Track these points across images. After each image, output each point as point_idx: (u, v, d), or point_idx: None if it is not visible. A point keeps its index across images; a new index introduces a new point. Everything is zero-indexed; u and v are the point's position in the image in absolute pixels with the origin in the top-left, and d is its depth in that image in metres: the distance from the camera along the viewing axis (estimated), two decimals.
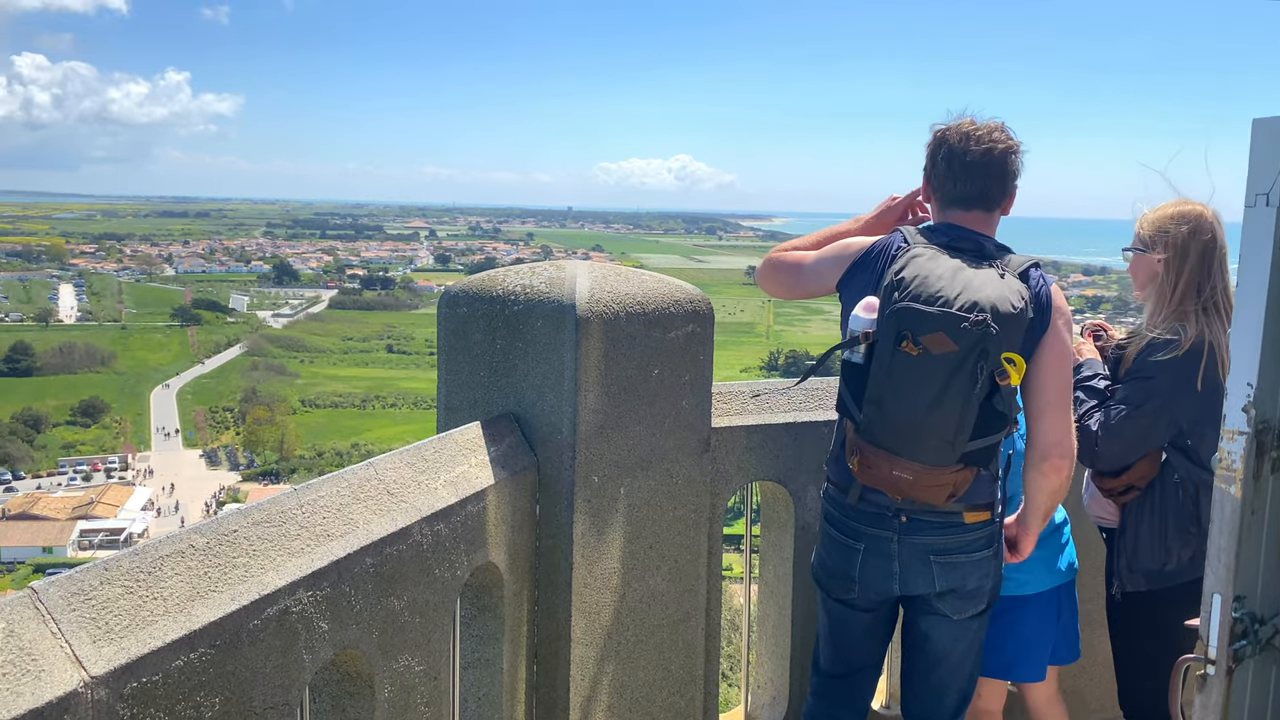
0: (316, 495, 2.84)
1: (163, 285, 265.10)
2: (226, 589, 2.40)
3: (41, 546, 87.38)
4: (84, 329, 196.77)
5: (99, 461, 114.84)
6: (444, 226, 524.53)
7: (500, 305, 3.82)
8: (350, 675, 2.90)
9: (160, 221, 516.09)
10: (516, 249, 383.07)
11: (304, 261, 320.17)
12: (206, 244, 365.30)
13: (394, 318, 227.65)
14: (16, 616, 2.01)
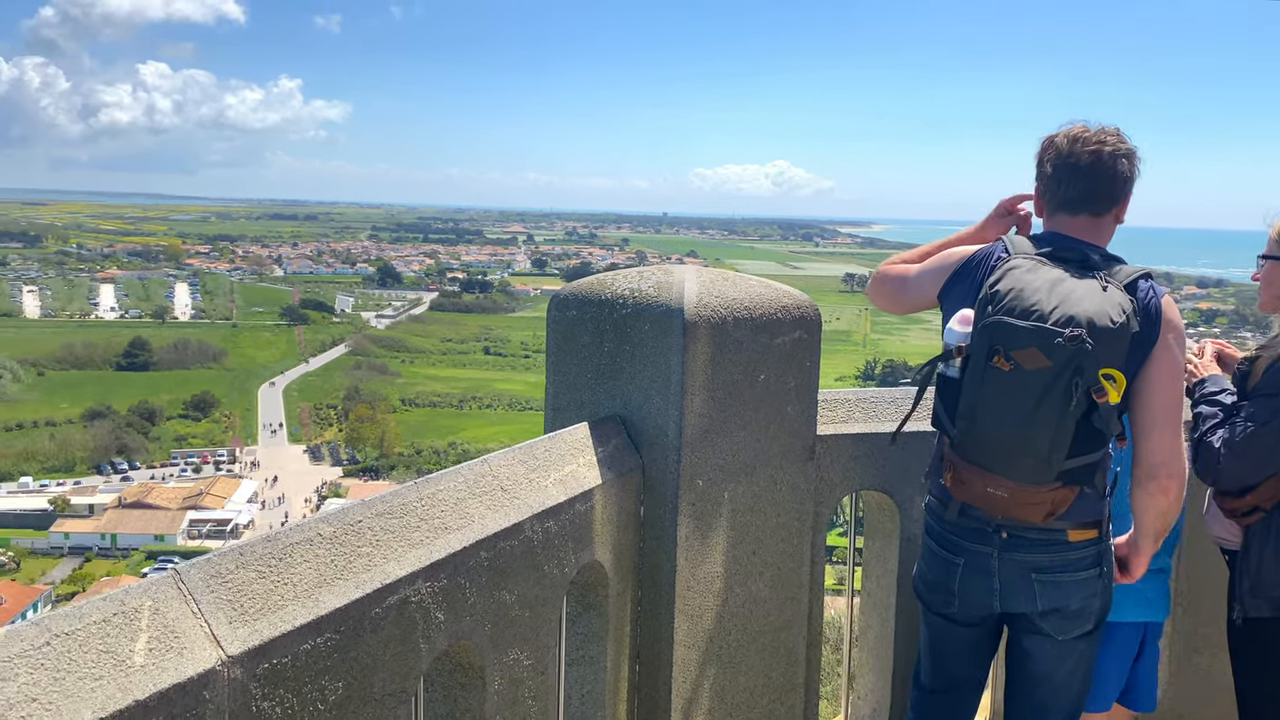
0: (435, 489, 2.92)
1: (272, 285, 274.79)
2: (351, 577, 2.49)
3: (154, 534, 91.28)
4: (197, 326, 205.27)
5: (209, 454, 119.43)
6: (541, 231, 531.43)
7: (608, 309, 3.86)
8: (462, 666, 2.97)
9: (271, 224, 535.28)
10: (611, 254, 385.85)
11: (407, 264, 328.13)
12: (314, 246, 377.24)
13: (491, 320, 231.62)
14: (162, 596, 2.13)
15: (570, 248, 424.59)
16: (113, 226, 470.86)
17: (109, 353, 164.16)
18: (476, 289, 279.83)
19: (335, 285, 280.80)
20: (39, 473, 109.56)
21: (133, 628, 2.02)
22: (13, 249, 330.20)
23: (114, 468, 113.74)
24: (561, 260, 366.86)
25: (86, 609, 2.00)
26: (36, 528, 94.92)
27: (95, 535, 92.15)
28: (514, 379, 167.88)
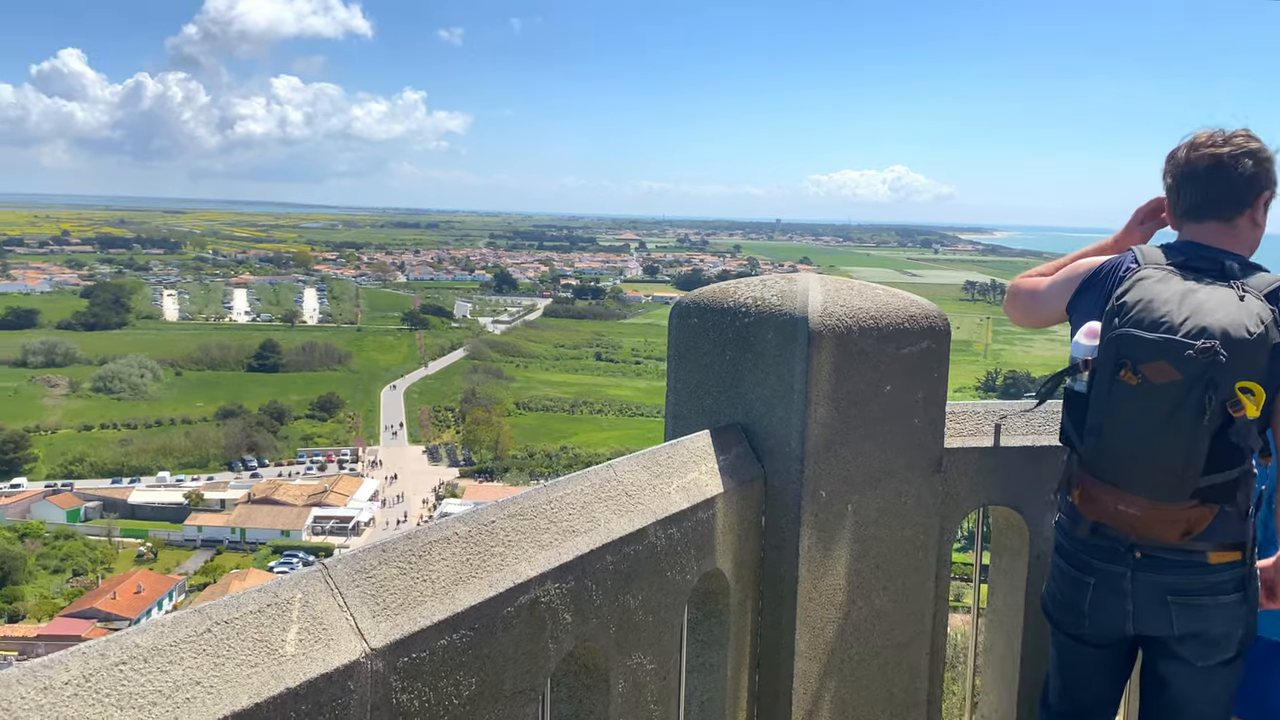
0: (563, 492, 2.98)
1: (395, 291, 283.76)
2: (485, 576, 2.56)
3: (280, 530, 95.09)
4: (324, 330, 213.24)
5: (333, 453, 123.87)
6: (654, 238, 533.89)
7: (730, 317, 3.87)
8: (588, 668, 3.02)
9: (394, 232, 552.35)
10: (723, 261, 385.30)
11: (522, 271, 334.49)
12: (435, 253, 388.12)
13: (603, 327, 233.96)
14: (311, 589, 2.23)
15: (682, 255, 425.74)
16: (246, 234, 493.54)
17: (241, 354, 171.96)
18: (589, 295, 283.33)
19: (454, 291, 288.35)
20: (175, 468, 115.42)
21: (285, 618, 2.13)
22: (155, 255, 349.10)
23: (244, 464, 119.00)
24: (673, 267, 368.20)
25: (243, 599, 2.12)
26: (173, 520, 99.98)
27: (226, 529, 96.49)
28: (625, 385, 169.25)
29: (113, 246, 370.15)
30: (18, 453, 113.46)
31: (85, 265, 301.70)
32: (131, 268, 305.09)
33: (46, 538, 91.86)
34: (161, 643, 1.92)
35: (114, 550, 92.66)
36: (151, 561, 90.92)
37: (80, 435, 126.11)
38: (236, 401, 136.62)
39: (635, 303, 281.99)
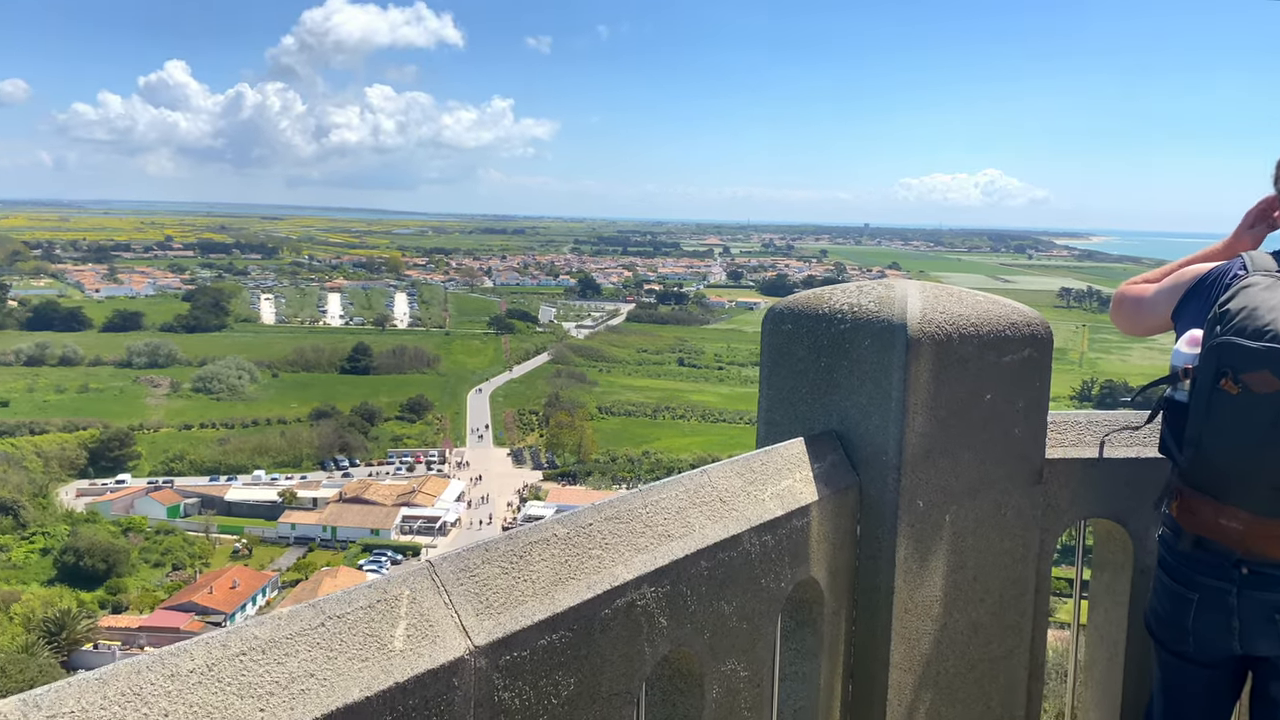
0: (658, 497, 3.00)
1: (482, 296, 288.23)
2: (583, 578, 2.59)
3: (370, 529, 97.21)
4: (414, 334, 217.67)
5: (421, 454, 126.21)
6: (738, 243, 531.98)
7: (826, 323, 3.84)
8: (682, 672, 3.03)
9: (482, 237, 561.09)
10: (809, 266, 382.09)
11: (606, 276, 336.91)
12: (521, 259, 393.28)
13: (686, 332, 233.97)
14: (418, 585, 2.29)
15: (766, 260, 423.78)
16: (340, 240, 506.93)
17: (335, 357, 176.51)
18: (672, 301, 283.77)
19: (539, 296, 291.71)
20: (270, 467, 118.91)
21: (393, 614, 2.19)
22: (253, 260, 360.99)
23: (336, 464, 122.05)
24: (757, 272, 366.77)
25: (354, 595, 2.18)
26: (267, 518, 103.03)
27: (318, 527, 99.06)
28: (707, 390, 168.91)
29: (213, 251, 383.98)
30: (122, 450, 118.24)
31: (187, 270, 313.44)
32: (231, 272, 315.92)
33: (148, 532, 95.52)
34: (278, 635, 1.99)
35: (211, 546, 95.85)
36: (246, 558, 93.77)
37: (180, 434, 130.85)
38: (329, 403, 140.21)
39: (718, 308, 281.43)
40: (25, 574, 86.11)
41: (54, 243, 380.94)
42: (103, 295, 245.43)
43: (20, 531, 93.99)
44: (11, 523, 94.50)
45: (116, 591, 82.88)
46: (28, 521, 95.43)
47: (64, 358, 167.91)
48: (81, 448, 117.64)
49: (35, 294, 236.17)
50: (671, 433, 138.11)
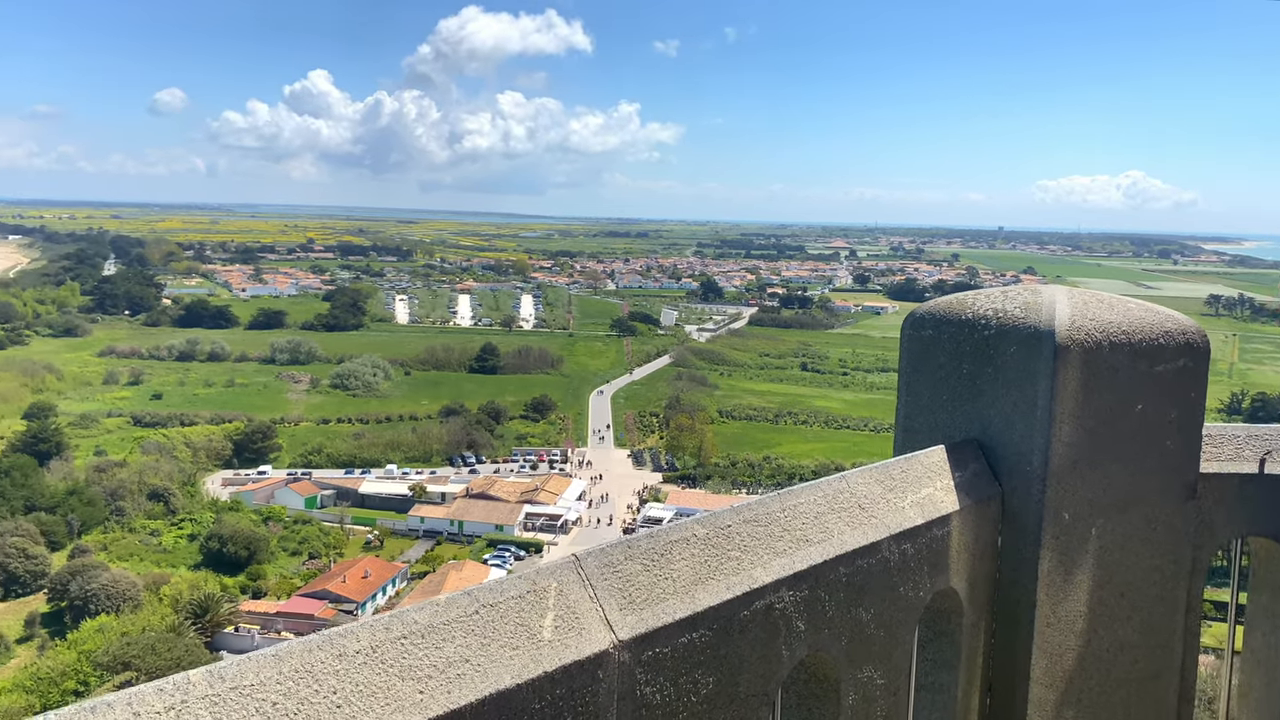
0: (796, 501, 3.00)
1: (604, 298, 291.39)
2: (723, 578, 2.62)
3: (494, 524, 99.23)
4: (539, 335, 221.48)
5: (544, 453, 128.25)
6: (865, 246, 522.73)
7: (969, 329, 3.76)
8: (818, 678, 3.02)
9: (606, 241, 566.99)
10: (939, 270, 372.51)
11: (729, 279, 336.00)
12: (644, 262, 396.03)
13: (810, 336, 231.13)
14: (565, 579, 2.35)
15: (895, 263, 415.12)
16: (470, 243, 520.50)
17: (464, 356, 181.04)
18: (796, 304, 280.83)
19: (661, 299, 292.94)
20: (402, 461, 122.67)
21: (542, 605, 2.26)
22: (388, 262, 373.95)
23: (463, 460, 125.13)
24: (885, 276, 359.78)
25: (505, 585, 2.26)
26: (398, 510, 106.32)
27: (445, 521, 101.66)
28: (831, 396, 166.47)
29: (352, 254, 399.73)
30: (265, 442, 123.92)
31: (327, 271, 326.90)
32: (368, 274, 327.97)
33: (287, 522, 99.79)
34: (437, 621, 2.09)
35: (345, 536, 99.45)
36: (378, 549, 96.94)
37: (318, 428, 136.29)
38: (458, 401, 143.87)
39: (844, 312, 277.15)
40: (174, 558, 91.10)
41: (205, 244, 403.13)
42: (249, 294, 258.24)
43: (170, 517, 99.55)
44: (162, 509, 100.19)
45: (256, 577, 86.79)
46: (177, 508, 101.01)
47: (212, 353, 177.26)
48: (227, 439, 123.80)
49: (187, 292, 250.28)
50: (793, 438, 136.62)
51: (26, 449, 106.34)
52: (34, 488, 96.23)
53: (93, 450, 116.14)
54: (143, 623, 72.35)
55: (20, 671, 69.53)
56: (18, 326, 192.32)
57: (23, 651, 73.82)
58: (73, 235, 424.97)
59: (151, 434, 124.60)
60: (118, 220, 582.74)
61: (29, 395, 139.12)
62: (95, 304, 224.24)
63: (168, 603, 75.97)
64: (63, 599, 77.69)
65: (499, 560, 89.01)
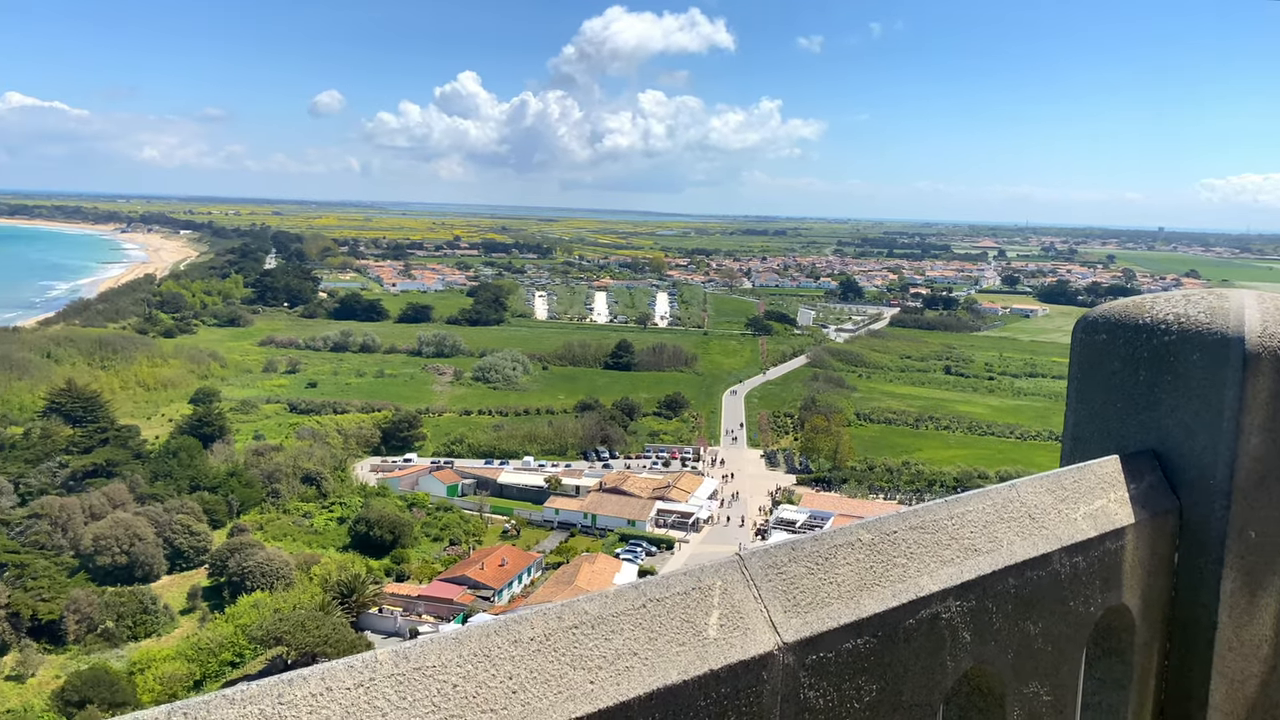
0: (964, 509, 2.91)
1: (740, 297, 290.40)
2: (888, 585, 2.57)
3: (626, 519, 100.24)
4: (673, 333, 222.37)
5: (676, 450, 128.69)
6: (1014, 247, 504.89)
7: (1146, 334, 3.58)
8: (981, 690, 2.93)
9: (743, 239, 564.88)
10: (1093, 272, 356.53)
11: (869, 279, 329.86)
12: (781, 260, 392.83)
13: (954, 339, 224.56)
14: (730, 578, 2.35)
15: (1046, 264, 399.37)
16: (608, 240, 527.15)
17: (599, 353, 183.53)
18: (940, 305, 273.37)
19: (798, 298, 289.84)
20: (539, 454, 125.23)
21: (707, 603, 2.26)
22: (529, 259, 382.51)
23: (597, 455, 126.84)
24: (1035, 277, 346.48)
25: (671, 581, 2.27)
26: (534, 501, 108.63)
27: (579, 514, 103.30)
28: (975, 401, 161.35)
29: (495, 251, 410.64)
30: (411, 431, 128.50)
31: (471, 267, 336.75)
32: (510, 270, 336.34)
33: (429, 508, 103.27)
34: (606, 612, 2.12)
35: (484, 524, 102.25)
36: (515, 538, 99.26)
37: (460, 419, 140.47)
38: (593, 396, 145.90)
39: (991, 314, 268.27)
40: (324, 539, 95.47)
41: (358, 240, 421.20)
42: (398, 289, 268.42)
43: (322, 500, 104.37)
44: (315, 492, 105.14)
45: (400, 561, 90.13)
46: (328, 492, 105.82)
47: (364, 345, 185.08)
48: (376, 427, 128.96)
49: (341, 286, 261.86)
50: (934, 443, 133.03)
51: (192, 431, 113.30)
52: (198, 468, 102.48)
53: (252, 434, 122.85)
54: (294, 600, 76.19)
55: (183, 641, 74.23)
56: (186, 316, 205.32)
57: (185, 622, 78.76)
58: (238, 230, 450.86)
59: (306, 420, 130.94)
60: (278, 217, 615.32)
61: (195, 381, 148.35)
62: (257, 296, 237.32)
63: (317, 582, 79.73)
64: (222, 574, 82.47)
65: (631, 555, 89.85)
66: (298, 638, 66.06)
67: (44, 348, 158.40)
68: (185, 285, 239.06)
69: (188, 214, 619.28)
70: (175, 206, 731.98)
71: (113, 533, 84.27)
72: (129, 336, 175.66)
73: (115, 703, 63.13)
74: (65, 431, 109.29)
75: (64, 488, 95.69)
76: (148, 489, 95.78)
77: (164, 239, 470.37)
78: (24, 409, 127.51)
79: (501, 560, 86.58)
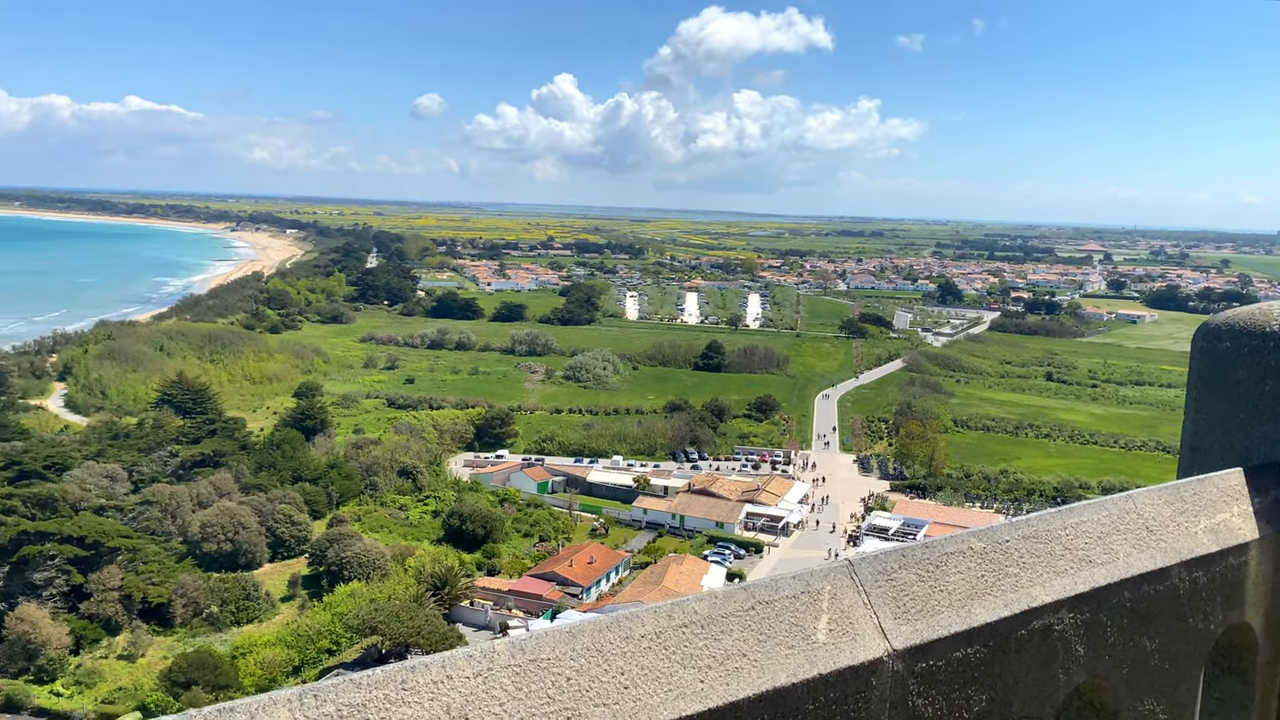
0: (1078, 520, 2.84)
1: (834, 299, 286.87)
2: (999, 595, 2.52)
3: (715, 521, 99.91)
4: (765, 334, 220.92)
5: (766, 453, 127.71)
6: (1121, 250, 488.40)
7: (1274, 342, 3.44)
8: (1094, 706, 2.85)
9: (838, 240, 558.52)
10: (1206, 277, 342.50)
11: (969, 282, 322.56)
12: (877, 262, 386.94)
13: (1056, 344, 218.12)
14: (839, 583, 2.34)
15: (1155, 269, 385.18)
16: (700, 241, 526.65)
17: (689, 353, 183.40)
18: (1042, 310, 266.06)
19: (895, 301, 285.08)
20: (628, 453, 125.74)
21: (816, 607, 2.26)
22: (621, 259, 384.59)
23: (686, 456, 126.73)
24: (1143, 282, 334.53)
25: (780, 584, 2.28)
26: (623, 501, 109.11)
27: (667, 514, 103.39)
28: (1078, 409, 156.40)
29: (587, 251, 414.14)
30: (503, 428, 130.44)
31: (564, 267, 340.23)
32: (601, 270, 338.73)
33: (520, 504, 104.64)
34: (715, 613, 2.13)
35: (573, 522, 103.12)
36: (603, 536, 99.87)
37: (551, 417, 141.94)
38: (683, 397, 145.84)
39: (1095, 320, 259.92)
40: (419, 532, 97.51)
41: (456, 240, 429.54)
42: (493, 288, 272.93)
43: (417, 494, 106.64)
44: (410, 485, 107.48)
45: (491, 555, 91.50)
46: (423, 486, 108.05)
47: (459, 342, 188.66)
48: (470, 423, 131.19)
49: (439, 285, 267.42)
50: (1034, 452, 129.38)
51: (295, 424, 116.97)
52: (300, 460, 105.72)
53: (352, 428, 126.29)
54: (389, 591, 78.01)
55: (282, 627, 76.69)
56: (292, 312, 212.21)
57: (285, 609, 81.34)
58: (341, 230, 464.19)
59: (403, 415, 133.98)
60: (380, 217, 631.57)
61: (299, 375, 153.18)
62: (358, 294, 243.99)
63: (411, 574, 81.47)
64: (321, 564, 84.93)
65: (719, 557, 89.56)
66: (392, 628, 67.60)
67: (157, 341, 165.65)
68: (291, 283, 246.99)
69: (294, 213, 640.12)
70: (282, 206, 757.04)
71: (219, 521, 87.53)
72: (237, 331, 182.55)
73: (219, 685, 65.63)
74: (176, 422, 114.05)
75: (174, 476, 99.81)
76: (252, 479, 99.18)
77: (271, 237, 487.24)
78: (138, 400, 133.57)
79: (590, 558, 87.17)
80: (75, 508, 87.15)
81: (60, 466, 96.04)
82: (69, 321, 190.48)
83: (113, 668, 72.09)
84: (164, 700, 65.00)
